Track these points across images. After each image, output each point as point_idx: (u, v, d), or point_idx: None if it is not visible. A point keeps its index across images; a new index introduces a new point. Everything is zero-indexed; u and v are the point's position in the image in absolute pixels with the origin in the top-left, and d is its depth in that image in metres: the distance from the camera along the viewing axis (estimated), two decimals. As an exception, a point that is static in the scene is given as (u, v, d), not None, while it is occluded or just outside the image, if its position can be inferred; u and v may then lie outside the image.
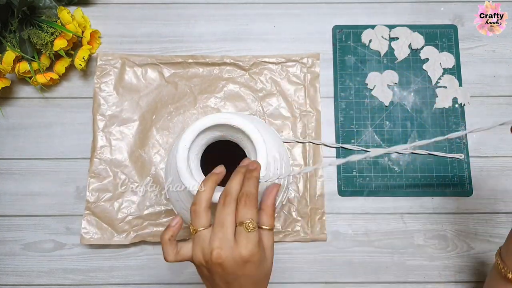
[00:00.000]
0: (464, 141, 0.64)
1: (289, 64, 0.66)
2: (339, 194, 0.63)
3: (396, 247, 0.62)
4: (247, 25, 0.69)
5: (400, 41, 0.67)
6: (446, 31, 0.68)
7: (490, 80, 0.67)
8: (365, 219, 0.63)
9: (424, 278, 0.61)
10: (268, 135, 0.49)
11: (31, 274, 0.62)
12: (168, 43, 0.68)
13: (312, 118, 0.65)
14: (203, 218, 0.35)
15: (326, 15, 0.69)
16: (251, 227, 0.32)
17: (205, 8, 0.69)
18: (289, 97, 0.66)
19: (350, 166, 0.64)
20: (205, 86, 0.66)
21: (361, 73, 0.67)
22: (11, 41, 0.62)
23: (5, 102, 0.66)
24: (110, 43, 0.68)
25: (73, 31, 0.61)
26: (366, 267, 0.61)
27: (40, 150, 0.65)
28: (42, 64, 0.63)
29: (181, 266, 0.62)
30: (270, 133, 0.52)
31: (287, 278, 0.61)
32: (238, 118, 0.40)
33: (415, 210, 0.63)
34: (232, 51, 0.68)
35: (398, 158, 0.64)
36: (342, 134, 0.65)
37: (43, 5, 0.64)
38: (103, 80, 0.66)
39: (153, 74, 0.66)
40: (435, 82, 0.66)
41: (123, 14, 0.69)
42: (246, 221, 0.33)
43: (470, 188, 0.63)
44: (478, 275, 0.61)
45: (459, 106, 0.66)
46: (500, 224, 0.62)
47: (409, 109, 0.66)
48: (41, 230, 0.63)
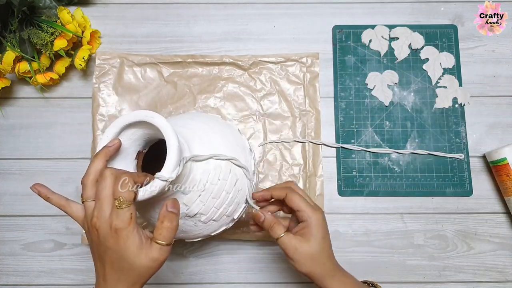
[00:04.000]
0: (464, 141, 0.64)
1: (289, 64, 0.66)
2: (339, 194, 0.63)
3: (396, 247, 0.62)
4: (247, 25, 0.69)
5: (400, 41, 0.67)
6: (446, 31, 0.68)
7: (490, 80, 0.67)
8: (365, 219, 0.63)
9: (424, 278, 0.61)
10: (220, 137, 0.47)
11: (31, 274, 0.62)
12: (168, 43, 0.68)
13: (311, 117, 0.65)
14: (89, 190, 0.37)
15: (326, 15, 0.69)
16: (120, 203, 0.35)
17: (205, 8, 0.69)
18: (289, 97, 0.66)
19: (350, 166, 0.64)
20: (205, 85, 0.66)
21: (361, 73, 0.67)
22: (11, 41, 0.62)
23: (5, 102, 0.66)
24: (110, 43, 0.68)
25: (73, 31, 0.61)
26: (366, 267, 0.61)
27: (40, 150, 0.65)
28: (42, 64, 0.63)
29: (181, 266, 0.62)
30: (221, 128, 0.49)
31: (287, 278, 0.61)
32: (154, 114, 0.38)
33: (415, 210, 0.63)
34: (232, 51, 0.68)
35: (398, 158, 0.64)
36: (342, 134, 0.65)
37: (43, 5, 0.64)
38: (102, 79, 0.66)
39: (152, 74, 0.66)
40: (435, 82, 0.66)
41: (123, 14, 0.69)
42: (118, 197, 0.35)
43: (470, 188, 0.63)
44: (478, 275, 0.61)
45: (459, 106, 0.66)
46: (500, 224, 0.62)
47: (409, 109, 0.66)
48: (41, 230, 0.63)
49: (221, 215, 0.46)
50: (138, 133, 0.41)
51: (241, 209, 0.49)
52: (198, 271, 0.62)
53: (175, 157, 0.36)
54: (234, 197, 0.46)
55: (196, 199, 0.43)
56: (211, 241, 0.62)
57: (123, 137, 0.41)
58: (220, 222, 0.48)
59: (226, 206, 0.46)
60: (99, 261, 0.37)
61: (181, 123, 0.48)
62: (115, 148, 0.39)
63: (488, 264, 0.61)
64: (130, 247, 0.35)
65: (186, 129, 0.46)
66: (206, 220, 0.46)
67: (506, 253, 0.62)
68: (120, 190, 0.35)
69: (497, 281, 0.61)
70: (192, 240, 0.50)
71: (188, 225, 0.46)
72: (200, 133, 0.46)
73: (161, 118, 0.38)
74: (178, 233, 0.47)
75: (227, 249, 0.62)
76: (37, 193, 0.40)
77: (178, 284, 0.61)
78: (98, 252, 0.37)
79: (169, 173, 0.37)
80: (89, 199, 0.37)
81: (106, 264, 0.36)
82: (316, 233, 0.45)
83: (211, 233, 0.49)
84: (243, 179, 0.47)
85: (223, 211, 0.46)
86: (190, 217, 0.45)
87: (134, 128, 0.41)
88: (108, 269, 0.36)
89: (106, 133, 0.40)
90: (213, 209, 0.45)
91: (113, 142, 0.39)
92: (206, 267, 0.62)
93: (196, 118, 0.50)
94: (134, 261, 0.35)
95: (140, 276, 0.36)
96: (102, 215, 0.35)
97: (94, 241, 0.37)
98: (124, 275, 0.36)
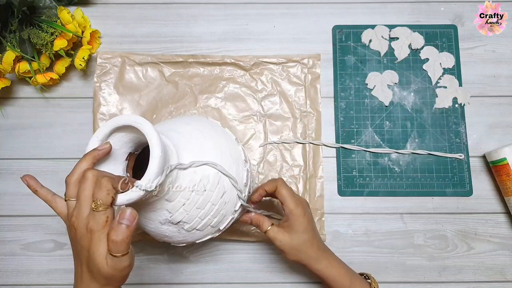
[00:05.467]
0: (464, 141, 0.65)
1: (290, 65, 0.66)
2: (339, 194, 0.63)
3: (396, 247, 0.62)
4: (247, 25, 0.69)
5: (400, 41, 0.67)
6: (446, 31, 0.68)
7: (490, 80, 0.67)
8: (365, 219, 0.63)
9: (424, 278, 0.61)
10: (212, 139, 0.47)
11: (31, 274, 0.62)
12: (168, 43, 0.68)
13: (312, 118, 0.65)
14: (72, 190, 0.37)
15: (326, 15, 0.69)
16: (97, 206, 0.35)
17: (205, 8, 0.69)
18: (290, 98, 0.66)
19: (350, 166, 0.64)
20: (206, 86, 0.66)
21: (361, 73, 0.67)
22: (11, 41, 0.62)
23: (5, 102, 0.66)
24: (110, 43, 0.68)
25: (73, 31, 0.61)
26: (366, 267, 0.61)
27: (40, 150, 0.65)
28: (42, 64, 0.63)
29: (181, 266, 0.62)
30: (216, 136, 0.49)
31: (287, 278, 0.62)
32: (142, 121, 0.37)
33: (415, 210, 0.63)
34: (232, 51, 0.68)
35: (398, 158, 0.64)
36: (342, 134, 0.65)
37: (43, 5, 0.64)
38: (103, 79, 0.66)
39: (153, 73, 0.66)
40: (435, 82, 0.66)
41: (123, 14, 0.69)
42: (95, 200, 0.35)
43: (470, 188, 0.63)
44: (478, 275, 0.61)
45: (459, 106, 0.66)
46: (500, 224, 0.62)
47: (409, 109, 0.66)
48: (41, 230, 0.63)
49: (205, 226, 0.46)
50: (129, 136, 0.41)
51: (227, 220, 0.48)
52: (198, 271, 0.62)
53: (156, 168, 0.36)
54: (220, 209, 0.46)
55: (180, 207, 0.43)
56: (211, 241, 0.62)
57: (113, 138, 0.41)
58: (204, 232, 0.47)
59: (211, 218, 0.45)
60: (77, 259, 0.38)
61: (175, 127, 0.47)
62: (104, 152, 0.39)
63: (488, 264, 0.61)
64: (99, 251, 0.35)
65: (179, 134, 0.45)
66: (190, 229, 0.45)
67: (506, 253, 0.62)
68: (98, 192, 0.35)
69: (497, 281, 0.61)
70: (177, 245, 0.49)
71: (171, 231, 0.46)
72: (192, 141, 0.45)
73: (148, 126, 0.37)
74: (162, 237, 0.47)
75: (227, 249, 0.62)
76: (26, 184, 0.41)
77: (178, 284, 0.61)
78: (76, 250, 0.38)
79: (148, 183, 0.36)
80: (72, 198, 0.37)
81: (83, 264, 0.37)
82: (297, 226, 0.49)
83: (196, 241, 0.48)
84: (231, 192, 0.46)
85: (207, 221, 0.46)
86: (173, 224, 0.44)
87: (124, 131, 0.40)
88: (84, 268, 0.37)
89: (96, 134, 0.40)
90: (197, 219, 0.45)
91: (104, 146, 0.39)
92: (206, 267, 0.62)
93: (192, 123, 0.49)
94: (99, 266, 0.35)
95: (107, 280, 0.36)
96: (81, 215, 0.36)
97: (72, 239, 0.38)
98: (95, 276, 0.36)
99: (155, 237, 0.48)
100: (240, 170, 0.48)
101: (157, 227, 0.45)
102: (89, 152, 0.39)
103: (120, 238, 0.34)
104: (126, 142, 0.42)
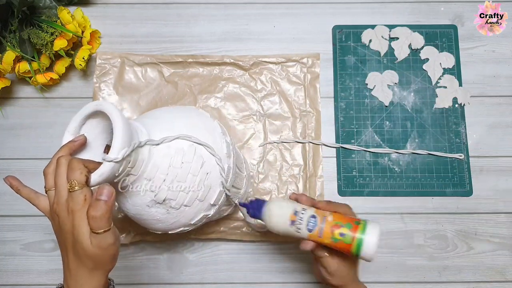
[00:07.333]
0: (464, 141, 0.64)
1: (289, 64, 0.66)
2: (339, 194, 0.63)
3: (396, 247, 0.62)
4: (247, 25, 0.69)
5: (400, 41, 0.67)
6: (446, 31, 0.68)
7: (490, 80, 0.67)
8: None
9: (424, 278, 0.61)
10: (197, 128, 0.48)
11: (31, 274, 0.62)
12: (168, 43, 0.68)
13: (312, 118, 0.65)
14: (50, 180, 0.38)
15: (326, 15, 0.69)
16: (72, 186, 0.36)
17: (205, 8, 0.69)
18: (289, 97, 0.66)
19: (350, 166, 0.64)
20: (205, 86, 0.66)
21: (361, 73, 0.67)
22: (11, 41, 0.62)
23: (5, 102, 0.66)
24: (110, 43, 0.68)
25: (73, 31, 0.61)
26: (366, 267, 0.61)
27: (40, 150, 0.65)
28: (42, 64, 0.63)
29: (181, 266, 0.62)
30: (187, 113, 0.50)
31: (287, 278, 0.61)
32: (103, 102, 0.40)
33: (415, 210, 0.63)
34: (232, 51, 0.68)
35: (398, 158, 0.64)
36: (342, 134, 0.65)
37: (43, 5, 0.64)
38: (103, 79, 0.66)
39: (153, 74, 0.66)
40: (435, 82, 0.66)
41: (123, 14, 0.69)
42: (70, 181, 0.36)
43: (470, 188, 0.63)
44: (478, 275, 0.61)
45: (459, 106, 0.66)
46: (500, 224, 0.62)
47: (409, 109, 0.66)
48: (41, 230, 0.63)
49: (191, 200, 0.46)
50: (100, 126, 0.42)
51: (216, 193, 0.47)
52: (198, 271, 0.62)
53: (121, 138, 0.37)
54: (202, 179, 0.45)
55: (161, 184, 0.43)
56: (211, 241, 0.62)
57: (86, 130, 0.42)
58: (194, 208, 0.47)
59: (196, 190, 0.45)
60: (63, 250, 0.38)
61: (149, 115, 0.49)
62: (79, 143, 0.41)
63: (488, 264, 0.61)
64: (82, 230, 0.35)
65: (151, 119, 0.46)
66: (177, 206, 0.45)
67: (506, 253, 0.62)
68: (71, 174, 0.36)
69: (497, 281, 0.61)
70: (174, 231, 0.49)
71: (161, 213, 0.46)
72: (163, 121, 0.47)
73: (108, 104, 0.39)
74: (155, 224, 0.47)
75: (227, 249, 0.62)
76: (9, 185, 0.42)
77: (178, 284, 0.61)
78: (60, 239, 0.38)
79: (115, 154, 0.37)
80: (51, 188, 0.38)
81: (68, 251, 0.37)
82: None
83: (190, 221, 0.48)
84: (211, 162, 0.46)
85: (193, 195, 0.45)
86: (160, 203, 0.45)
87: (93, 120, 0.42)
88: (70, 256, 0.37)
89: (68, 129, 0.41)
90: (181, 194, 0.45)
91: (78, 137, 0.41)
92: (206, 267, 0.62)
93: (166, 110, 0.50)
94: (84, 245, 0.35)
95: (95, 262, 0.36)
96: (61, 200, 0.36)
97: (56, 229, 0.38)
98: (82, 260, 0.36)
99: (150, 228, 0.48)
100: (217, 141, 0.48)
101: (146, 212, 0.46)
102: (65, 144, 0.40)
103: (100, 213, 0.35)
104: (99, 133, 0.43)
